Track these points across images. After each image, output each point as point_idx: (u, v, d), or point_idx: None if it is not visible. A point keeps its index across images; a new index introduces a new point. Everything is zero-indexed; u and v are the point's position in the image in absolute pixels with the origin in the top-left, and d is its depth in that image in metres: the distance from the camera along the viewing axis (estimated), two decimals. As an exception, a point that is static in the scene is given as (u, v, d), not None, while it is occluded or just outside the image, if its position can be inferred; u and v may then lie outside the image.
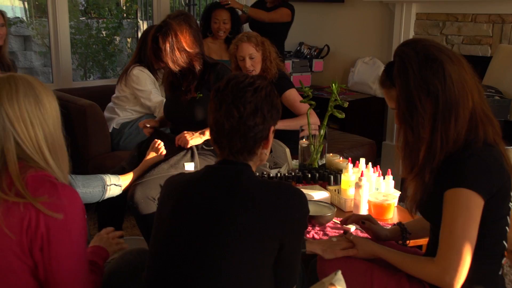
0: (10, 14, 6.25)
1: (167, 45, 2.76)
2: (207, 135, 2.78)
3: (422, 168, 1.68)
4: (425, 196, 1.71)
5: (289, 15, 4.49)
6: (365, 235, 2.12)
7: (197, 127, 2.88)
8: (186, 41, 2.79)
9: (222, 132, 1.58)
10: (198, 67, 2.87)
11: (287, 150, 2.95)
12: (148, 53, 3.36)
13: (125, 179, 2.65)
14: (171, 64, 2.81)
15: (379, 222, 2.14)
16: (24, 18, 7.16)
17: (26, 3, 7.44)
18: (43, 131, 1.47)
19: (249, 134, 1.58)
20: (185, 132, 2.81)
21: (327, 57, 5.18)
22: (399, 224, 2.06)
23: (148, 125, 3.05)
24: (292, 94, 3.37)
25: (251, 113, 1.57)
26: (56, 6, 4.38)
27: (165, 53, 2.78)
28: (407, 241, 2.02)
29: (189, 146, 2.78)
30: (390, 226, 2.18)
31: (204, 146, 2.96)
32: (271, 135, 1.65)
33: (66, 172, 1.54)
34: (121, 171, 2.75)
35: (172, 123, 3.16)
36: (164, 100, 3.28)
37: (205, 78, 2.91)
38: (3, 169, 1.43)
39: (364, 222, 2.06)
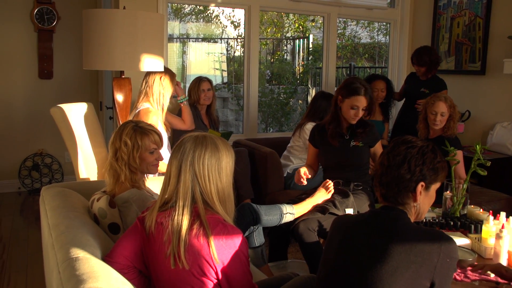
0: (214, 81, 6.81)
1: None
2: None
3: None
4: None
5: (439, 86, 4.28)
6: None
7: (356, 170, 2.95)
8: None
9: (379, 180, 1.57)
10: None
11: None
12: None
13: (298, 208, 2.66)
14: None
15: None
16: (223, 84, 7.73)
17: (226, 73, 8.03)
18: (216, 186, 1.55)
19: (393, 183, 1.53)
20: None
21: (468, 121, 4.84)
22: None
23: (304, 181, 2.89)
24: (459, 156, 3.08)
25: (398, 164, 1.52)
26: (250, 76, 4.66)
27: None
28: None
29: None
30: None
31: (355, 187, 2.90)
32: (420, 191, 1.54)
33: (231, 216, 1.61)
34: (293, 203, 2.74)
35: (331, 169, 3.06)
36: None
37: (360, 132, 2.97)
38: (191, 205, 1.53)
39: (508, 270, 1.85)
